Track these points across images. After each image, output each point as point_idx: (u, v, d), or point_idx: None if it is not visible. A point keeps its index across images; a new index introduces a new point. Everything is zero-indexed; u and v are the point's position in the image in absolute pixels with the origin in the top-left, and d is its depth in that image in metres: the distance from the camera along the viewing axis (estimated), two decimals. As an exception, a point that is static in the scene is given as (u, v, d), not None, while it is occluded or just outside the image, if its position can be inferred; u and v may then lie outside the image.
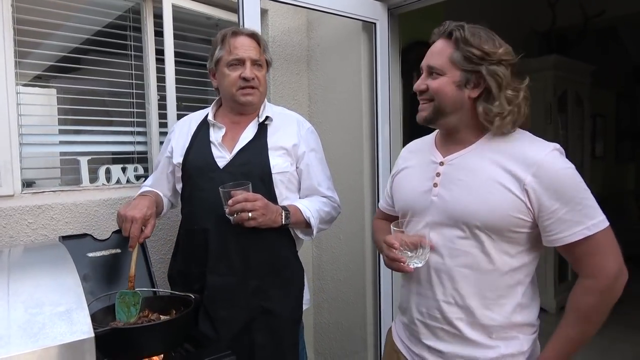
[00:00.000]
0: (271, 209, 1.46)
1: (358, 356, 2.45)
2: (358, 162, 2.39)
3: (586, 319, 1.10)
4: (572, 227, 1.05)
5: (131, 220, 1.43)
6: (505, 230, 1.09)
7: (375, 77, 2.30)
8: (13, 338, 0.88)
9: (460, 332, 1.15)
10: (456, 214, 1.13)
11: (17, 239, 1.70)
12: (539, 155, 1.08)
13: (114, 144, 2.08)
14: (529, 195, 1.07)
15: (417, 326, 1.22)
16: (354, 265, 2.45)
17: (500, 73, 1.10)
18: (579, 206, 1.05)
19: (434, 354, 1.19)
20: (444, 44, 1.15)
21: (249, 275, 1.52)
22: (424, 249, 1.13)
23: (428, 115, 1.18)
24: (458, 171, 1.16)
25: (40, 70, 1.96)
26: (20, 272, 1.13)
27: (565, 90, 4.14)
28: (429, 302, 1.19)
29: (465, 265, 1.13)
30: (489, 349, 1.13)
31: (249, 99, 1.56)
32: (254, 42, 1.57)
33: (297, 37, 2.56)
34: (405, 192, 1.29)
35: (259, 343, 1.52)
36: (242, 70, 1.53)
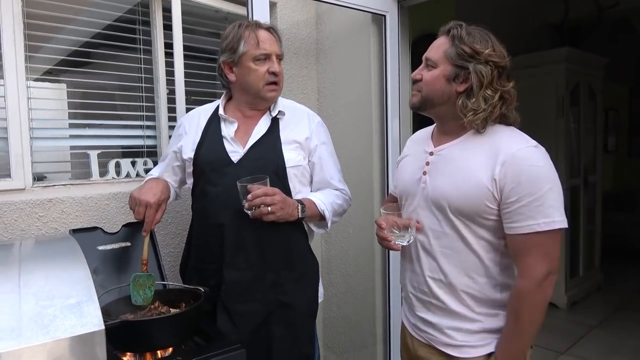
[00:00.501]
0: (289, 202, 1.46)
1: (367, 350, 2.45)
2: (367, 156, 2.37)
3: (517, 317, 1.18)
4: (524, 220, 1.12)
5: (145, 205, 1.44)
6: (475, 215, 1.19)
7: (385, 70, 2.28)
8: (24, 330, 0.89)
9: (446, 305, 1.26)
10: (435, 200, 1.25)
11: (28, 232, 1.72)
12: (512, 149, 1.15)
13: (123, 137, 2.08)
14: (496, 184, 1.14)
15: (412, 299, 1.36)
16: (363, 259, 2.44)
17: (484, 72, 1.17)
18: (536, 202, 1.11)
19: (426, 324, 1.32)
20: (443, 39, 1.25)
21: (266, 269, 1.52)
22: (411, 230, 1.28)
23: (416, 103, 1.29)
24: (443, 161, 1.27)
25: (50, 64, 1.97)
26: (31, 265, 1.14)
27: (578, 84, 4.08)
28: (419, 278, 1.31)
29: (446, 246, 1.24)
30: (473, 322, 1.24)
31: (274, 94, 1.56)
32: (275, 36, 1.56)
33: (306, 30, 2.54)
34: (402, 179, 1.41)
35: (277, 336, 1.52)
36: (269, 65, 1.52)
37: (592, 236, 4.39)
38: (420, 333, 1.34)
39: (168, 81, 2.12)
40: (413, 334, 1.38)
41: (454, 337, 1.25)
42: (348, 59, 2.44)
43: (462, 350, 1.24)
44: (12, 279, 1.02)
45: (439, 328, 1.28)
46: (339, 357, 2.60)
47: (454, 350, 1.25)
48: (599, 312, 3.85)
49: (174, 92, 2.13)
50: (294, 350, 1.55)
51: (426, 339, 1.32)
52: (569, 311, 3.90)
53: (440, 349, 1.28)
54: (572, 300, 3.99)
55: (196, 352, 1.25)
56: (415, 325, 1.37)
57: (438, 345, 1.28)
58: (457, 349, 1.25)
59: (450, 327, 1.26)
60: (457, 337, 1.25)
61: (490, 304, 1.23)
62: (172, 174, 1.70)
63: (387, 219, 1.31)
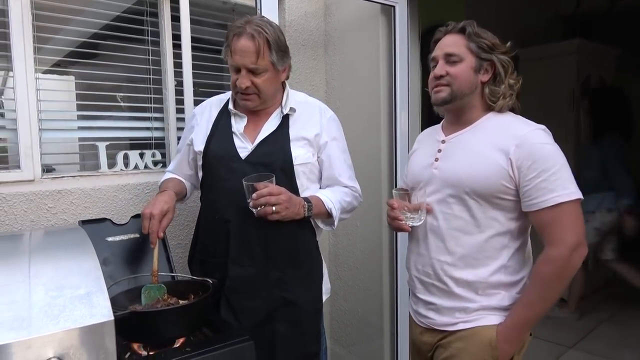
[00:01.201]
0: (294, 201, 1.45)
1: (374, 343, 2.45)
2: (375, 149, 2.36)
3: (545, 284, 1.22)
4: (546, 194, 1.19)
5: (149, 217, 1.43)
6: (490, 196, 1.25)
7: (393, 61, 2.25)
8: (34, 320, 0.89)
9: (449, 287, 1.31)
10: (450, 182, 1.30)
11: (38, 223, 1.73)
12: (523, 131, 1.25)
13: (131, 129, 2.08)
14: (512, 163, 1.22)
15: (415, 282, 1.41)
16: (371, 252, 2.44)
17: (507, 61, 1.31)
18: (553, 177, 1.19)
19: (427, 308, 1.37)
20: (457, 37, 1.32)
21: (271, 267, 1.51)
22: (422, 211, 1.33)
23: (446, 97, 1.33)
24: (455, 147, 1.34)
25: (59, 56, 1.97)
26: (41, 256, 1.15)
27: (589, 75, 4.02)
28: (424, 260, 1.37)
29: (456, 228, 1.30)
30: (472, 302, 1.29)
31: (247, 103, 1.53)
32: (254, 45, 1.44)
33: (315, 21, 2.52)
34: (413, 168, 1.47)
35: (281, 333, 1.52)
36: (237, 77, 1.48)
37: (602, 230, 4.34)
38: (421, 319, 1.40)
39: (176, 73, 2.11)
40: (416, 322, 1.43)
41: (453, 316, 1.31)
42: (357, 50, 2.42)
43: (458, 325, 1.31)
44: (22, 269, 1.03)
45: (439, 310, 1.33)
46: (346, 349, 2.61)
47: (451, 327, 1.32)
48: (608, 306, 3.82)
49: (182, 84, 2.12)
50: (299, 348, 1.55)
51: (427, 323, 1.38)
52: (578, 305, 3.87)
53: (439, 329, 1.34)
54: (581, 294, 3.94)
55: (205, 344, 1.25)
56: (417, 312, 1.42)
57: (437, 327, 1.34)
58: (453, 326, 1.32)
59: (449, 307, 1.32)
60: (456, 315, 1.31)
61: (494, 286, 1.28)
62: (188, 167, 1.71)
63: (398, 200, 1.37)
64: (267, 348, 1.51)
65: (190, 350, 1.19)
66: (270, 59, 1.47)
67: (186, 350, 1.20)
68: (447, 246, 1.31)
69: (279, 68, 1.51)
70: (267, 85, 1.50)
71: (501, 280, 1.28)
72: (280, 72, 1.54)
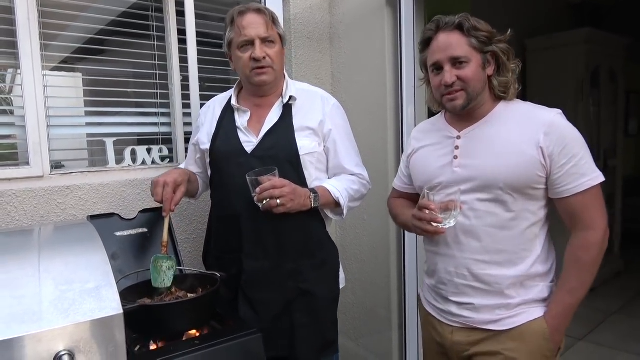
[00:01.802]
0: (299, 193, 1.45)
1: (382, 336, 2.46)
2: (382, 142, 2.35)
3: (586, 269, 1.23)
4: (579, 179, 1.19)
5: (163, 184, 1.44)
6: (525, 187, 1.22)
7: (400, 54, 2.24)
8: (45, 314, 0.90)
9: (488, 284, 1.26)
10: (480, 180, 1.25)
11: (48, 218, 1.74)
12: (548, 117, 1.22)
13: (138, 125, 2.09)
14: (542, 151, 1.19)
15: (446, 285, 1.34)
16: (378, 245, 2.43)
17: (507, 49, 1.26)
18: (582, 161, 1.19)
19: (461, 308, 1.31)
20: (455, 36, 1.24)
21: (284, 258, 1.52)
22: (456, 211, 1.22)
23: (464, 103, 1.26)
24: (475, 141, 1.28)
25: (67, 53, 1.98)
26: (50, 251, 1.16)
27: (599, 65, 3.97)
28: (457, 262, 1.30)
29: (490, 225, 1.25)
30: (512, 298, 1.26)
31: (263, 78, 1.52)
32: (262, 17, 1.51)
33: (320, 14, 2.51)
34: (425, 170, 1.38)
35: (300, 323, 1.53)
36: (253, 50, 1.49)
37: (612, 221, 4.31)
38: (454, 318, 1.33)
39: (182, 68, 2.11)
40: (444, 321, 1.36)
41: (494, 313, 1.27)
42: (362, 43, 2.41)
43: (503, 322, 1.26)
44: (33, 264, 1.04)
45: (477, 308, 1.28)
46: (355, 342, 2.61)
47: (494, 325, 1.27)
48: (618, 299, 3.79)
49: (188, 79, 2.13)
50: (318, 337, 1.56)
51: (462, 322, 1.31)
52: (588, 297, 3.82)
53: (480, 327, 1.28)
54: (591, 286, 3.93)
55: (213, 337, 1.26)
56: (447, 312, 1.34)
57: (477, 325, 1.29)
58: (497, 323, 1.27)
59: (489, 305, 1.27)
60: (496, 312, 1.26)
61: (532, 277, 1.26)
62: (196, 167, 1.72)
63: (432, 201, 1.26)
64: (287, 339, 1.53)
65: (199, 343, 1.21)
66: (277, 31, 1.55)
67: (195, 343, 1.21)
68: (484, 245, 1.26)
69: (283, 45, 1.58)
70: (279, 58, 1.55)
71: (538, 271, 1.26)
72: (283, 50, 1.58)
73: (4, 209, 1.67)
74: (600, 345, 3.08)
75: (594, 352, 3.02)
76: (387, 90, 2.31)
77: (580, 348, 3.06)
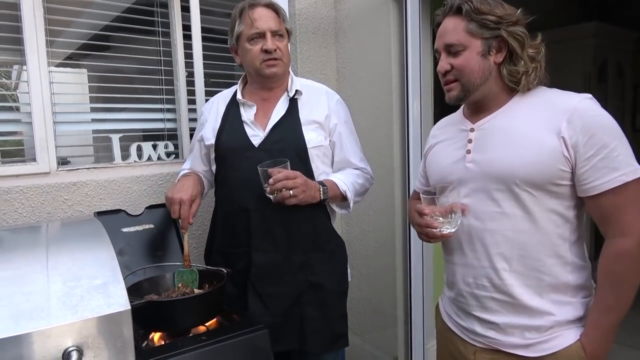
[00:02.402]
0: (310, 185, 1.46)
1: (388, 332, 2.46)
2: (388, 137, 2.34)
3: (622, 283, 1.05)
4: (608, 173, 1.02)
5: (179, 202, 1.46)
6: (546, 183, 1.07)
7: (405, 49, 2.22)
8: (53, 310, 0.91)
9: (512, 297, 1.11)
10: (493, 176, 1.12)
11: (55, 214, 1.75)
12: (571, 102, 1.06)
13: (144, 121, 2.10)
14: (565, 142, 1.04)
15: (466, 298, 1.20)
16: (384, 241, 2.43)
17: (520, 32, 1.10)
18: (614, 152, 1.01)
19: (485, 326, 1.16)
20: (454, 20, 1.13)
21: (294, 251, 1.53)
22: (456, 214, 1.13)
23: (459, 94, 1.17)
24: (490, 134, 1.15)
25: (71, 49, 1.98)
26: (58, 247, 1.16)
27: (606, 59, 3.93)
28: (476, 271, 1.17)
29: (508, 228, 1.11)
30: (543, 316, 1.10)
31: (274, 70, 1.53)
32: (272, 11, 1.54)
33: (325, 9, 2.50)
34: (438, 166, 1.28)
35: (309, 316, 1.53)
36: (264, 42, 1.51)
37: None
38: (478, 338, 1.19)
39: (187, 64, 2.11)
40: (467, 340, 1.22)
41: (523, 336, 1.12)
42: (368, 37, 2.39)
43: (534, 348, 1.11)
44: (41, 260, 1.04)
45: (503, 328, 1.13)
46: (360, 338, 2.62)
47: (524, 350, 1.12)
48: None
49: (193, 75, 2.13)
50: (328, 330, 1.56)
51: (487, 343, 1.17)
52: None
53: (508, 351, 1.13)
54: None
55: (220, 332, 1.26)
56: (469, 330, 1.21)
57: (503, 348, 1.14)
58: (527, 349, 1.11)
59: (517, 325, 1.12)
60: (526, 335, 1.11)
61: (561, 290, 1.10)
62: (202, 164, 1.72)
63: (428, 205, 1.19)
64: (297, 332, 1.53)
65: (206, 339, 1.21)
66: (285, 26, 1.58)
67: (202, 338, 1.21)
68: (502, 251, 1.11)
69: (290, 39, 1.60)
70: (287, 52, 1.58)
71: (569, 282, 1.10)
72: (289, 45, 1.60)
73: (11, 205, 1.67)
74: (608, 341, 3.06)
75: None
76: (393, 86, 2.30)
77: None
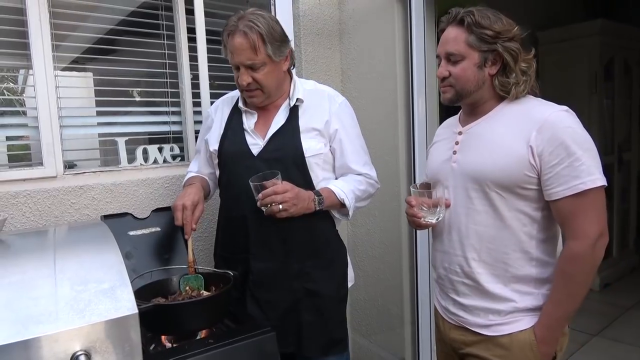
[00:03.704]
0: (302, 197, 1.45)
1: (394, 333, 2.45)
2: (393, 138, 2.33)
3: (572, 281, 1.17)
4: (569, 181, 1.11)
5: (182, 209, 1.46)
6: (514, 186, 1.18)
7: (410, 49, 2.22)
8: (61, 314, 0.91)
9: (478, 284, 1.25)
10: (470, 176, 1.25)
11: (62, 218, 1.76)
12: (544, 114, 1.16)
13: (149, 124, 2.10)
14: (532, 150, 1.14)
15: (444, 280, 1.36)
16: (390, 241, 2.42)
17: (514, 48, 1.20)
18: (577, 162, 1.11)
19: (457, 306, 1.32)
20: (457, 30, 1.23)
21: (291, 259, 1.52)
22: (440, 207, 1.27)
23: (452, 97, 1.29)
24: (473, 138, 1.28)
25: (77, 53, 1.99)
26: (65, 251, 1.17)
27: (612, 58, 3.90)
28: (451, 258, 1.32)
29: (479, 223, 1.24)
30: (506, 302, 1.23)
31: (252, 100, 1.54)
32: (248, 41, 1.43)
33: (329, 9, 2.49)
34: (432, 163, 1.42)
35: (307, 321, 1.53)
36: (238, 75, 1.49)
37: (627, 216, 4.24)
38: (451, 316, 1.35)
39: (192, 66, 2.11)
40: (445, 317, 1.38)
41: (487, 317, 1.25)
42: (372, 38, 2.39)
43: (493, 328, 1.25)
44: (48, 264, 1.05)
45: (470, 309, 1.28)
46: (367, 339, 2.61)
47: (485, 330, 1.26)
48: (633, 294, 3.74)
49: (198, 77, 2.13)
50: (325, 335, 1.56)
51: (457, 321, 1.32)
52: (602, 293, 3.81)
53: (472, 329, 1.28)
54: (605, 281, 3.89)
55: (227, 335, 1.26)
56: (446, 309, 1.37)
57: (469, 326, 1.29)
58: (488, 328, 1.25)
59: (482, 308, 1.26)
60: (489, 317, 1.25)
61: (525, 281, 1.22)
62: (208, 166, 1.72)
63: (416, 197, 1.32)
64: (294, 336, 1.54)
65: (213, 342, 1.21)
66: (266, 52, 1.45)
67: (209, 342, 1.21)
68: (472, 242, 1.25)
69: (277, 59, 1.49)
70: (269, 79, 1.50)
71: (532, 275, 1.22)
72: (280, 63, 1.52)
73: (19, 209, 1.68)
74: (616, 341, 3.05)
75: (609, 347, 2.98)
76: (398, 87, 2.29)
77: (594, 344, 3.03)
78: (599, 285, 3.82)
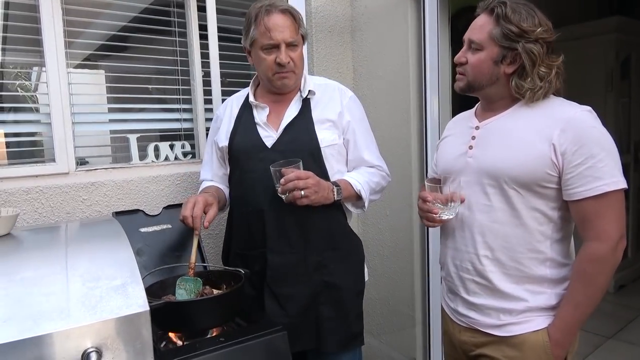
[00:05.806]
0: (323, 186, 1.44)
1: (406, 333, 2.43)
2: (405, 136, 2.31)
3: (591, 283, 1.14)
4: (592, 182, 1.09)
5: (193, 202, 1.43)
6: (533, 184, 1.15)
7: (423, 46, 2.19)
8: (72, 311, 0.90)
9: (491, 283, 1.22)
10: (487, 172, 1.21)
11: (73, 214, 1.76)
12: (568, 114, 1.14)
13: (161, 121, 2.10)
14: (555, 149, 1.12)
15: (453, 278, 1.32)
16: (401, 241, 2.40)
17: (535, 51, 1.15)
18: (600, 163, 1.09)
19: (467, 307, 1.29)
20: (486, 19, 1.20)
21: (309, 252, 1.51)
22: (455, 203, 1.24)
23: (463, 87, 1.27)
24: (491, 133, 1.25)
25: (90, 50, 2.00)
26: (77, 247, 1.17)
27: (629, 55, 3.83)
28: (462, 255, 1.28)
29: (495, 220, 1.21)
30: (518, 301, 1.20)
31: (285, 82, 1.52)
32: (289, 19, 1.48)
33: (341, 7, 2.48)
34: (444, 157, 1.38)
35: (326, 316, 1.52)
36: (277, 54, 1.48)
37: (642, 217, 4.18)
38: (461, 317, 1.32)
39: (203, 64, 2.11)
40: (454, 320, 1.35)
41: (498, 317, 1.23)
42: (384, 36, 2.37)
43: (505, 328, 1.22)
44: (60, 261, 1.05)
45: (481, 309, 1.25)
46: (377, 339, 2.59)
47: (497, 330, 1.23)
48: (649, 296, 3.69)
49: (210, 75, 2.13)
50: (344, 329, 1.55)
51: (467, 322, 1.30)
52: (617, 294, 3.75)
53: (483, 330, 1.25)
54: (620, 283, 3.83)
55: (239, 334, 1.25)
56: (455, 310, 1.34)
57: (480, 327, 1.26)
58: (499, 329, 1.23)
59: (493, 307, 1.23)
60: (501, 317, 1.23)
61: (538, 281, 1.20)
62: (219, 167, 1.70)
63: (431, 192, 1.29)
64: (313, 331, 1.52)
65: (224, 340, 1.20)
66: (301, 32, 1.52)
67: (220, 340, 1.20)
68: (487, 240, 1.22)
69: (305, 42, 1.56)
70: (301, 61, 1.54)
71: (546, 275, 1.19)
72: None
73: (31, 205, 1.69)
74: (631, 344, 3.00)
75: (624, 350, 2.93)
76: (410, 84, 2.27)
77: (609, 346, 2.98)
78: (613, 287, 3.76)
